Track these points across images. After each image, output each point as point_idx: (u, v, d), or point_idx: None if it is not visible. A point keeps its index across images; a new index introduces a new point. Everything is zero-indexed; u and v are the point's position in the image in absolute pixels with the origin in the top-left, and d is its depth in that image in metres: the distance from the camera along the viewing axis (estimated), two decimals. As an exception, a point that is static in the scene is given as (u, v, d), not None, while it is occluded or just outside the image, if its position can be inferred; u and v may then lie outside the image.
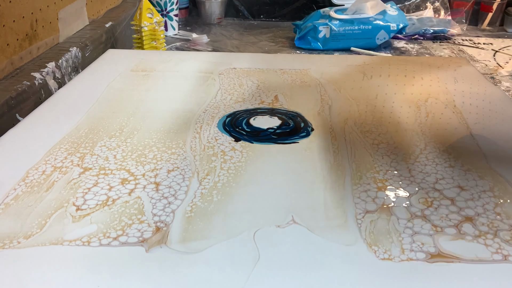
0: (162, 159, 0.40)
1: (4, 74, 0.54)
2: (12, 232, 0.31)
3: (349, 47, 0.84)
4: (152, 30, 0.74)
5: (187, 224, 0.32)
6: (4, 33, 0.53)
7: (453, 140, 0.43)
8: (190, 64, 0.63)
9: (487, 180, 0.37)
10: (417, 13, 1.01)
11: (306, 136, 0.44)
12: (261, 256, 0.29)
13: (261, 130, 0.45)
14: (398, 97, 0.53)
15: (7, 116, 0.48)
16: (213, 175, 0.37)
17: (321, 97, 0.53)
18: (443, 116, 0.48)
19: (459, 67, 0.62)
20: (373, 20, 0.83)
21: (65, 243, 0.30)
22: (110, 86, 0.55)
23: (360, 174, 0.38)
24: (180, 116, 0.48)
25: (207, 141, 0.43)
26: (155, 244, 0.30)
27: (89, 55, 0.67)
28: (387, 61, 0.65)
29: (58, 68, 0.59)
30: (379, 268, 0.28)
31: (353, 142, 0.43)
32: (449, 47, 0.87)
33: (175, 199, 0.34)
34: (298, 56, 0.68)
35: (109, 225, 0.31)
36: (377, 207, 0.34)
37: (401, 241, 0.30)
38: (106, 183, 0.36)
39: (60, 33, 0.66)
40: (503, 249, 0.30)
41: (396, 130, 0.45)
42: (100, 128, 0.45)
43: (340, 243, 0.30)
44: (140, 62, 0.63)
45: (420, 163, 0.39)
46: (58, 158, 0.39)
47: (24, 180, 0.36)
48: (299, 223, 0.32)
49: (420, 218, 0.32)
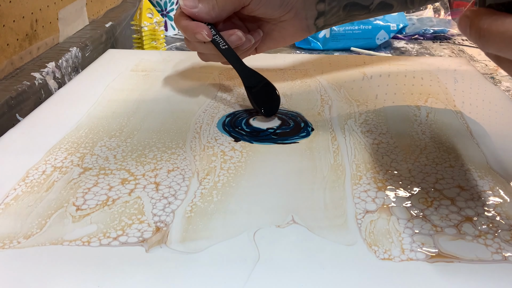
0: (162, 159, 0.40)
1: (4, 74, 0.54)
2: (12, 232, 0.31)
3: (349, 47, 0.84)
4: (152, 30, 0.74)
5: (187, 224, 0.32)
6: (4, 33, 0.53)
7: (453, 140, 0.43)
8: (190, 64, 0.63)
9: (487, 180, 0.37)
10: (417, 13, 1.01)
11: (306, 136, 0.44)
12: (261, 256, 0.29)
13: (260, 130, 0.45)
14: (398, 97, 0.53)
15: (7, 116, 0.48)
16: (213, 175, 0.37)
17: (321, 97, 0.53)
18: (443, 116, 0.48)
19: (459, 67, 0.62)
20: (373, 20, 0.83)
21: (65, 243, 0.30)
22: (110, 86, 0.55)
23: (360, 174, 0.38)
24: (180, 116, 0.48)
25: (207, 141, 0.43)
26: (155, 244, 0.30)
27: (89, 55, 0.67)
28: (387, 61, 0.65)
29: (58, 68, 0.59)
30: (379, 268, 0.28)
31: (353, 142, 0.43)
32: (449, 47, 0.87)
33: (175, 199, 0.34)
34: (298, 56, 0.68)
35: (109, 225, 0.31)
36: (377, 207, 0.34)
37: (401, 241, 0.30)
38: (106, 183, 0.36)
39: (60, 33, 0.66)
40: (503, 249, 0.30)
41: (396, 130, 0.45)
42: (100, 128, 0.45)
43: (340, 243, 0.30)
44: (140, 62, 0.63)
45: (420, 163, 0.39)
46: (58, 158, 0.39)
47: (24, 180, 0.36)
48: (299, 223, 0.32)
49: (420, 218, 0.32)
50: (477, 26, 0.25)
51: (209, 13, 0.45)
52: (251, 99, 0.48)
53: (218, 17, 0.46)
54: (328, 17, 0.49)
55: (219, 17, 0.46)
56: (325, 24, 0.50)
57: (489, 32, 0.24)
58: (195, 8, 0.45)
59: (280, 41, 0.51)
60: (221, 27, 0.47)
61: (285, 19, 0.48)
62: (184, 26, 0.45)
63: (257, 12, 0.46)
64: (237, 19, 0.49)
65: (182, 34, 0.47)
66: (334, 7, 0.48)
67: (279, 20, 0.48)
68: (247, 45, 0.48)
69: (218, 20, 0.46)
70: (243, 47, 0.48)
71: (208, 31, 0.45)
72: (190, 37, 0.46)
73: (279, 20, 0.48)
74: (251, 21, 0.49)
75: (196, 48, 0.48)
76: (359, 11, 0.49)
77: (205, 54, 0.49)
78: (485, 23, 0.25)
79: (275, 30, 0.49)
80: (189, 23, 0.45)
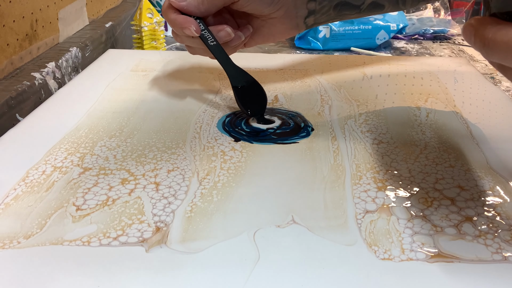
0: (162, 159, 0.40)
1: (4, 74, 0.54)
2: (12, 232, 0.31)
3: (349, 47, 0.84)
4: (152, 30, 0.74)
5: (187, 224, 0.32)
6: (4, 33, 0.53)
7: (453, 140, 0.43)
8: (190, 64, 0.63)
9: (487, 180, 0.37)
10: (417, 13, 1.01)
11: (306, 136, 0.44)
12: (261, 256, 0.29)
13: (260, 130, 0.45)
14: (398, 97, 0.53)
15: (7, 116, 0.48)
16: (213, 175, 0.37)
17: (321, 97, 0.53)
18: (443, 116, 0.48)
19: (459, 67, 0.62)
20: (373, 20, 0.83)
21: (65, 243, 0.30)
22: (110, 86, 0.55)
23: (360, 174, 0.38)
24: (180, 116, 0.48)
25: (207, 141, 0.43)
26: (155, 244, 0.30)
27: (89, 55, 0.67)
28: (387, 61, 0.65)
29: (58, 68, 0.59)
30: (379, 268, 0.28)
31: (353, 142, 0.43)
32: (449, 47, 0.87)
33: (175, 199, 0.34)
34: (298, 56, 0.68)
35: (109, 225, 0.31)
36: (377, 207, 0.34)
37: (401, 241, 0.30)
38: (106, 183, 0.36)
39: (60, 33, 0.66)
40: (503, 249, 0.30)
41: (396, 130, 0.45)
42: (100, 128, 0.45)
43: (340, 243, 0.30)
44: (140, 62, 0.63)
45: (420, 163, 0.39)
46: (58, 158, 0.39)
47: (24, 180, 0.36)
48: (299, 223, 0.32)
49: (420, 218, 0.32)
50: (481, 35, 0.25)
51: (198, 7, 0.44)
52: (237, 99, 0.47)
53: (207, 12, 0.45)
54: (318, 16, 0.48)
55: (208, 12, 0.45)
56: (315, 22, 0.49)
57: (494, 42, 0.25)
58: (183, 2, 0.44)
59: (269, 38, 0.50)
60: (210, 20, 0.47)
61: (275, 16, 0.47)
62: (173, 19, 0.45)
63: (247, 8, 0.46)
64: (226, 13, 0.49)
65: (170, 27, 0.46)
66: (325, 6, 0.48)
67: (269, 17, 0.47)
68: (236, 41, 0.47)
69: (207, 14, 0.46)
70: (233, 43, 0.47)
71: (197, 26, 0.44)
72: (178, 31, 0.45)
73: (269, 17, 0.47)
74: (241, 16, 0.49)
75: (183, 42, 0.47)
76: (349, 11, 0.48)
77: (193, 48, 0.48)
78: (489, 32, 0.25)
79: (265, 27, 0.49)
80: (177, 17, 0.44)
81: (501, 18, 0.25)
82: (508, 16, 0.25)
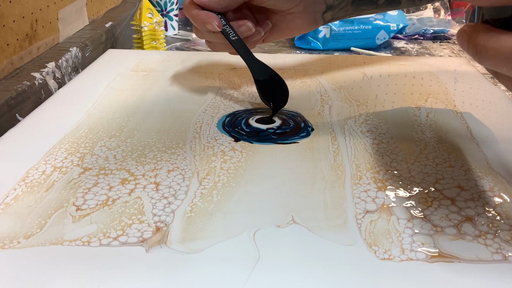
0: (162, 159, 0.40)
1: (4, 74, 0.54)
2: (12, 232, 0.31)
3: (349, 47, 0.84)
4: (152, 30, 0.74)
5: (187, 224, 0.32)
6: (4, 33, 0.53)
7: (453, 140, 0.43)
8: (190, 64, 0.63)
9: (487, 180, 0.37)
10: (417, 13, 1.01)
11: (306, 136, 0.44)
12: (261, 256, 0.29)
13: (260, 130, 0.45)
14: (398, 97, 0.53)
15: (7, 116, 0.48)
16: (213, 175, 0.37)
17: (321, 97, 0.53)
18: (443, 116, 0.48)
19: (459, 67, 0.62)
20: (373, 20, 0.83)
21: (65, 243, 0.30)
22: (110, 86, 0.55)
23: (360, 174, 0.38)
24: (180, 116, 0.48)
25: (207, 141, 0.43)
26: (155, 244, 0.30)
27: (89, 55, 0.67)
28: (387, 61, 0.65)
29: (58, 68, 0.59)
30: (379, 268, 0.28)
31: (353, 142, 0.43)
32: (449, 47, 0.87)
33: (175, 199, 0.34)
34: (298, 56, 0.68)
35: (109, 225, 0.31)
36: (377, 207, 0.34)
37: (401, 241, 0.30)
38: (106, 183, 0.36)
39: (60, 33, 0.66)
40: (503, 249, 0.30)
41: (396, 130, 0.45)
42: (100, 128, 0.45)
43: (340, 243, 0.30)
44: (140, 62, 0.63)
45: (420, 163, 0.39)
46: (58, 158, 0.39)
47: (24, 180, 0.36)
48: (299, 223, 0.32)
49: (420, 218, 0.32)
50: (474, 42, 0.26)
51: (220, 2, 0.45)
52: (260, 92, 0.48)
53: (228, 7, 0.46)
54: (336, 11, 0.49)
55: (229, 7, 0.46)
56: (333, 17, 0.50)
57: (485, 48, 0.25)
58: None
59: (287, 33, 0.51)
60: (230, 16, 0.47)
61: (293, 11, 0.48)
62: (195, 15, 0.45)
63: (267, 3, 0.46)
64: (246, 9, 0.49)
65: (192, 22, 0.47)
66: (343, 1, 0.48)
67: (288, 12, 0.48)
68: (256, 36, 0.48)
69: (228, 9, 0.46)
70: (252, 38, 0.48)
71: (219, 21, 0.45)
72: (200, 26, 0.46)
73: (287, 12, 0.48)
74: (260, 11, 0.49)
75: (204, 37, 0.48)
76: (367, 6, 0.49)
77: (213, 43, 0.49)
78: (481, 39, 0.25)
79: (283, 22, 0.49)
80: (199, 12, 0.45)
81: (493, 25, 0.25)
82: (499, 23, 0.25)
